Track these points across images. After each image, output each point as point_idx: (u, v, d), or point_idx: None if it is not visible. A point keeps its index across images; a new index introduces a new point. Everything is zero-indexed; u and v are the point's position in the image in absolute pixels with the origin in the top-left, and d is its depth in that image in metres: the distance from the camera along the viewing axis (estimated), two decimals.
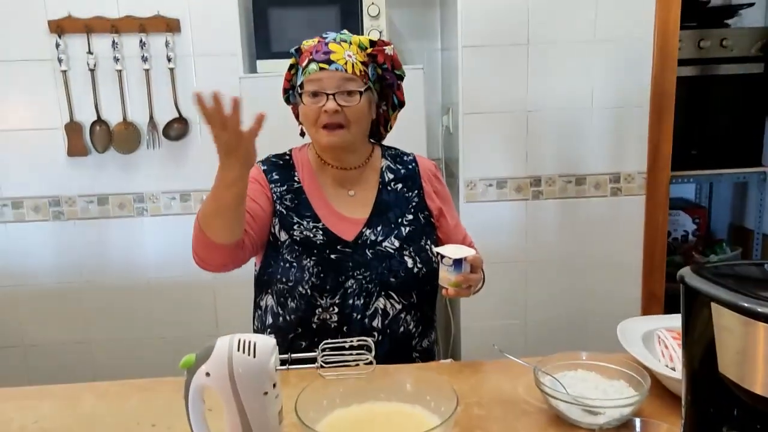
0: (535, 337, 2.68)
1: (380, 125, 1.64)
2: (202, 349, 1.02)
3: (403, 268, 1.51)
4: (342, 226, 1.54)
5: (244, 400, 0.99)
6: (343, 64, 1.46)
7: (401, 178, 1.62)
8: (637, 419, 1.00)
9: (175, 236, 2.74)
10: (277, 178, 1.58)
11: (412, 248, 1.54)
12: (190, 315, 2.79)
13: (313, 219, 1.53)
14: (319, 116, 1.47)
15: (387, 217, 1.56)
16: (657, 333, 1.27)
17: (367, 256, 1.51)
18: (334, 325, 1.48)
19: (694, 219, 3.58)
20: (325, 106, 1.45)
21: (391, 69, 1.55)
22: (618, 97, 2.60)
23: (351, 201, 1.58)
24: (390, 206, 1.58)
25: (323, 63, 1.46)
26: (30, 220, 2.70)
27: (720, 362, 0.73)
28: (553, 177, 2.65)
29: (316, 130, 1.50)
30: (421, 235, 1.58)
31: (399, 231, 1.55)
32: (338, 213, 1.56)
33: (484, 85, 2.57)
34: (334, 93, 1.45)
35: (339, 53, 1.47)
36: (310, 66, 1.47)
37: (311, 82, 1.47)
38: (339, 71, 1.46)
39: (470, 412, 1.18)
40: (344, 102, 1.46)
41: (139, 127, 2.65)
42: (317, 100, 1.47)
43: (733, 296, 0.70)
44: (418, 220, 1.59)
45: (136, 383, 1.37)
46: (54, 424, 1.21)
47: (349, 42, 1.51)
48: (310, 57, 1.48)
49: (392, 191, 1.60)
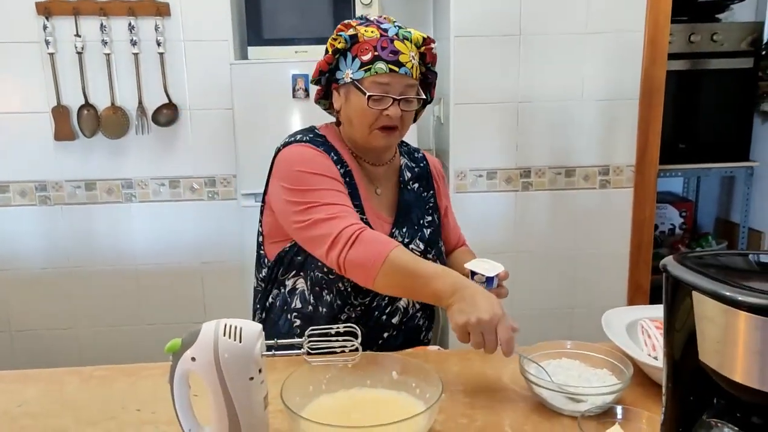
0: (522, 327, 2.69)
1: None
2: (187, 333, 1.02)
3: None
4: (377, 224, 1.48)
5: (230, 385, 0.99)
6: (410, 68, 1.40)
7: (416, 177, 1.59)
8: (619, 407, 1.01)
9: (164, 223, 2.73)
10: (335, 158, 1.46)
11: (434, 251, 1.53)
12: (178, 302, 2.78)
13: (360, 211, 1.44)
14: (377, 118, 1.41)
15: (410, 219, 1.53)
16: (641, 323, 1.28)
17: None
18: (356, 320, 1.45)
19: (681, 212, 3.61)
20: (389, 111, 1.39)
21: (432, 67, 1.52)
22: (608, 89, 2.61)
23: (378, 200, 1.53)
24: (411, 207, 1.55)
25: (393, 65, 1.38)
26: (16, 204, 2.68)
27: (700, 350, 0.74)
28: (543, 168, 2.66)
29: (371, 131, 1.42)
30: (439, 237, 1.58)
31: (422, 233, 1.53)
32: (374, 209, 1.50)
33: (476, 76, 2.57)
34: (400, 98, 1.40)
35: (406, 54, 1.40)
36: (378, 65, 1.38)
37: (377, 84, 1.39)
38: (407, 75, 1.40)
39: (455, 399, 1.19)
40: (405, 107, 1.42)
41: (128, 112, 2.63)
42: (380, 102, 1.39)
43: (714, 285, 0.71)
44: (435, 222, 1.58)
45: (121, 368, 1.37)
46: (38, 408, 1.21)
47: (410, 40, 1.43)
48: (374, 53, 1.38)
49: (411, 191, 1.57)
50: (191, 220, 2.74)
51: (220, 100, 2.63)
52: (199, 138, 2.69)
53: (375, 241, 1.28)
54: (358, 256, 1.27)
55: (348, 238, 1.28)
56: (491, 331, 1.14)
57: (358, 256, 1.27)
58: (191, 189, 2.72)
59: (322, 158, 1.43)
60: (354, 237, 1.28)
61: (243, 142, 2.50)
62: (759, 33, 3.10)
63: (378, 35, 1.40)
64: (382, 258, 1.25)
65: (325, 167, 1.42)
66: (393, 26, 1.43)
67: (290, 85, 2.46)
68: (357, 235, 1.28)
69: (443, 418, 1.11)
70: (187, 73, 2.64)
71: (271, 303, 1.55)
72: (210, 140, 2.69)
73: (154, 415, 1.17)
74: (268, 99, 2.48)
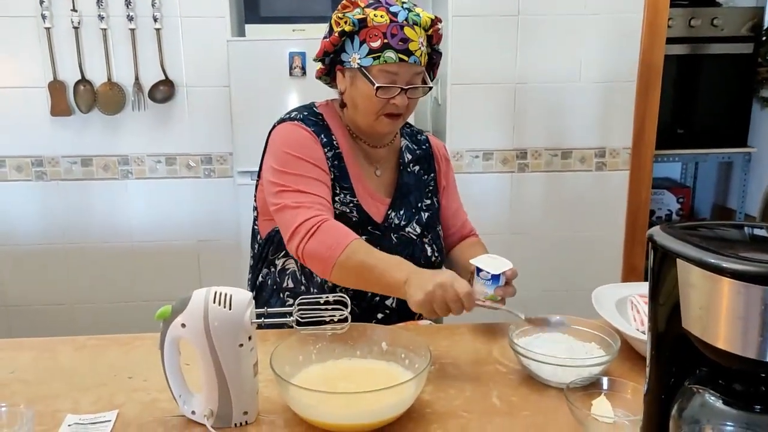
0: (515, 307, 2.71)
1: None
2: (178, 300, 1.03)
3: (424, 256, 1.48)
4: (372, 205, 1.48)
5: (219, 352, 1.00)
6: (419, 56, 1.37)
7: (417, 159, 1.57)
8: (605, 378, 1.02)
9: (160, 200, 2.73)
10: (325, 140, 1.45)
11: (430, 235, 1.52)
12: (174, 279, 2.79)
13: (350, 193, 1.45)
14: (384, 106, 1.39)
15: (408, 201, 1.52)
16: (630, 299, 1.29)
17: (393, 240, 1.46)
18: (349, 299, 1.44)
19: (678, 198, 3.61)
20: (396, 100, 1.38)
21: (437, 47, 1.48)
22: (606, 71, 2.60)
23: (377, 181, 1.51)
24: (410, 189, 1.53)
25: (402, 54, 1.35)
26: (12, 179, 2.68)
27: (684, 318, 0.75)
28: (539, 150, 2.66)
29: (377, 117, 1.41)
30: (437, 221, 1.56)
31: (420, 216, 1.52)
32: (370, 190, 1.49)
33: (473, 57, 2.57)
34: (408, 87, 1.38)
35: (415, 41, 1.36)
36: (387, 54, 1.35)
37: (386, 73, 1.36)
38: (416, 64, 1.37)
39: (444, 371, 1.20)
40: (412, 95, 1.41)
41: (125, 89, 2.62)
42: (387, 91, 1.37)
43: (698, 252, 0.71)
44: (434, 205, 1.56)
45: (113, 338, 1.38)
46: (31, 375, 1.22)
47: (419, 24, 1.39)
48: (384, 40, 1.35)
49: (411, 173, 1.55)
50: (187, 197, 2.74)
51: (216, 78, 2.62)
52: (196, 115, 2.69)
53: (334, 234, 1.30)
54: (316, 248, 1.30)
55: (308, 229, 1.30)
56: (451, 291, 1.17)
57: (316, 248, 1.30)
58: (187, 166, 2.71)
59: (309, 141, 1.42)
60: (314, 229, 1.30)
61: (239, 120, 2.50)
62: (759, 18, 3.09)
63: (388, 20, 1.36)
64: (339, 250, 1.27)
65: (309, 151, 1.41)
66: (402, 9, 1.39)
67: (287, 63, 2.45)
68: (317, 227, 1.30)
69: (432, 389, 1.12)
70: (184, 50, 2.63)
71: (262, 282, 1.55)
72: (206, 117, 2.68)
73: (146, 382, 1.18)
74: (264, 77, 2.47)
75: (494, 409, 1.08)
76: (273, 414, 1.07)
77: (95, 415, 1.06)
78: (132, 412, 1.08)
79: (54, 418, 1.05)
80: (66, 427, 1.03)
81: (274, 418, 1.05)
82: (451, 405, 1.08)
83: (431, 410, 1.07)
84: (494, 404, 1.09)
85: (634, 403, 0.99)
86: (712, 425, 0.74)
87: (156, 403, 1.10)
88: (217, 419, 1.03)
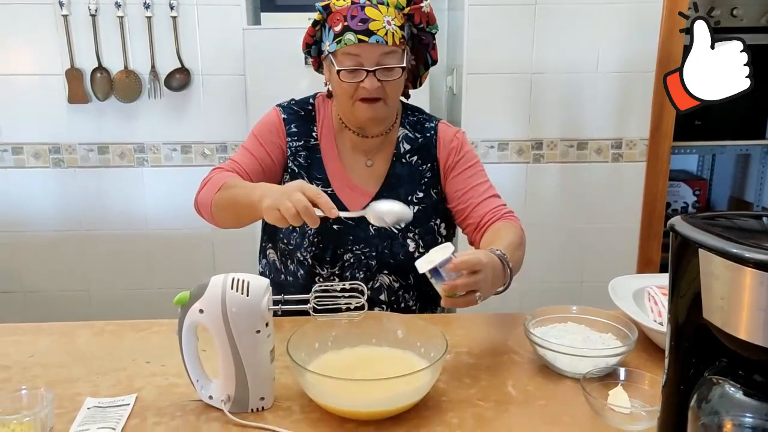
0: (530, 299, 2.71)
1: (408, 81, 1.50)
2: (196, 286, 1.04)
3: (404, 251, 1.44)
4: (351, 196, 1.46)
5: (237, 338, 1.01)
6: (383, 35, 1.31)
7: (417, 149, 1.49)
8: (622, 369, 1.01)
9: (176, 188, 2.74)
10: (295, 131, 1.47)
11: (418, 230, 1.45)
12: (189, 267, 2.81)
13: (323, 183, 1.45)
14: (356, 90, 1.36)
15: (397, 193, 1.45)
16: (647, 290, 1.28)
17: (369, 232, 1.43)
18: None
19: (695, 191, 3.57)
20: (365, 83, 1.33)
21: (426, 27, 1.42)
22: (624, 61, 2.57)
23: (367, 171, 1.48)
24: (402, 181, 1.47)
25: (362, 34, 1.30)
26: (30, 166, 2.70)
27: (705, 309, 0.74)
28: (554, 141, 2.65)
29: (353, 104, 1.38)
30: (431, 215, 1.48)
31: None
32: (351, 181, 1.47)
33: (490, 46, 2.55)
34: (374, 69, 1.33)
35: (378, 21, 1.31)
36: (347, 36, 1.32)
37: (348, 55, 1.33)
38: (379, 44, 1.31)
39: (460, 360, 1.20)
40: (384, 77, 1.34)
41: (141, 76, 2.63)
42: (355, 75, 1.34)
43: (721, 242, 0.70)
44: (429, 197, 1.48)
45: (131, 323, 1.39)
46: (49, 359, 1.23)
47: (386, 4, 1.35)
48: (344, 23, 1.32)
49: (406, 164, 1.48)
50: None
51: (232, 66, 2.63)
52: (211, 103, 2.69)
53: (215, 182, 1.37)
54: (202, 196, 1.39)
55: (202, 184, 1.42)
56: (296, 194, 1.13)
57: (201, 197, 1.40)
58: (203, 154, 2.72)
59: (272, 126, 1.48)
60: (206, 181, 1.41)
61: (254, 108, 2.50)
62: None
63: (348, 3, 1.34)
64: (215, 191, 1.35)
65: (266, 134, 1.47)
66: None
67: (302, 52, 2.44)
68: (208, 179, 1.41)
69: (447, 377, 1.13)
70: (200, 38, 2.63)
71: (261, 272, 1.58)
72: (222, 106, 2.69)
73: (164, 367, 1.19)
74: (280, 65, 2.47)
75: (510, 398, 1.08)
76: (289, 400, 1.07)
77: (114, 399, 1.08)
78: (150, 396, 1.09)
79: (74, 401, 1.07)
80: (85, 409, 1.04)
81: (290, 404, 1.06)
82: (467, 393, 1.08)
83: (447, 398, 1.07)
84: (510, 393, 1.09)
85: (652, 394, 0.99)
86: (731, 416, 0.74)
87: (173, 388, 1.12)
88: (234, 404, 1.04)
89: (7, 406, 1.00)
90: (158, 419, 1.02)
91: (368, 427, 0.99)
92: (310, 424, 1.01)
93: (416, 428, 0.99)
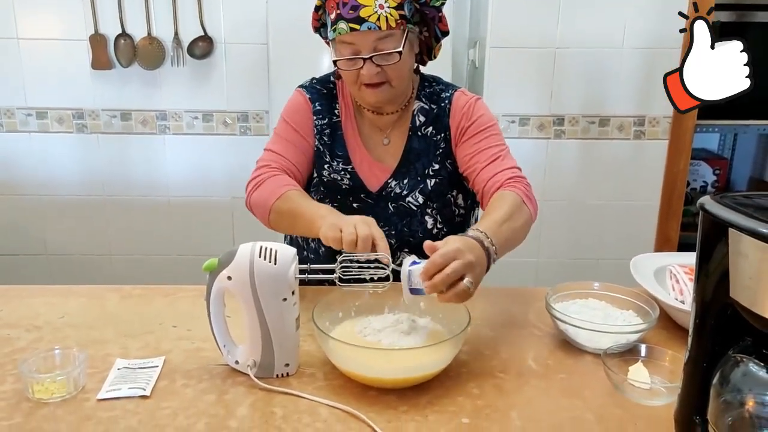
0: (546, 275, 2.72)
1: (422, 53, 1.47)
2: (224, 253, 1.05)
3: (423, 228, 1.46)
4: (371, 173, 1.47)
5: (264, 305, 1.03)
6: (375, 21, 1.27)
7: (431, 120, 1.47)
8: (643, 345, 1.03)
9: (197, 156, 2.76)
10: (320, 109, 1.47)
11: (435, 205, 1.46)
12: (209, 234, 2.84)
13: (344, 160, 1.46)
14: (358, 76, 1.34)
15: (414, 168, 1.46)
16: (669, 268, 1.28)
17: (389, 210, 1.45)
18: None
19: (715, 170, 3.54)
20: (363, 70, 1.32)
21: (429, 1, 1.36)
22: (649, 38, 2.53)
23: (383, 149, 1.49)
24: (419, 155, 1.46)
25: (353, 22, 1.28)
26: (54, 131, 2.72)
27: (732, 288, 0.75)
28: (576, 117, 2.63)
29: (359, 88, 1.37)
30: (448, 188, 1.48)
31: (425, 185, 1.45)
32: (370, 158, 1.47)
33: (514, 20, 2.52)
34: (371, 56, 1.31)
35: (369, 6, 1.27)
36: (340, 25, 1.29)
37: (344, 44, 1.32)
38: (372, 30, 1.28)
39: (481, 334, 1.22)
40: (383, 62, 1.32)
41: (164, 44, 2.63)
42: (353, 63, 1.33)
43: (751, 222, 0.71)
44: (445, 169, 1.47)
45: (159, 288, 1.42)
46: (79, 320, 1.26)
47: None
48: (337, 11, 1.30)
49: (422, 137, 1.47)
50: (223, 154, 2.77)
51: (255, 35, 2.62)
52: (234, 72, 2.69)
53: (272, 184, 1.37)
54: (258, 197, 1.38)
55: (256, 182, 1.40)
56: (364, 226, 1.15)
57: (257, 197, 1.39)
58: (224, 123, 2.73)
59: (301, 108, 1.48)
60: (260, 181, 1.40)
61: (276, 78, 2.50)
62: None
63: None
64: (275, 197, 1.34)
65: (297, 117, 1.47)
66: None
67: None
68: (263, 180, 1.39)
69: (468, 349, 1.15)
70: (223, 6, 2.62)
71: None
72: (244, 75, 2.69)
73: (190, 332, 1.22)
74: (302, 36, 2.43)
75: (530, 371, 1.09)
76: (313, 367, 1.10)
77: (143, 360, 1.11)
78: (178, 359, 1.12)
79: (105, 362, 1.10)
80: (116, 370, 1.07)
81: (314, 371, 1.09)
82: (488, 365, 1.10)
83: (467, 370, 1.09)
84: (530, 366, 1.11)
85: (671, 370, 1.00)
86: (754, 394, 0.75)
87: (200, 352, 1.14)
88: (260, 369, 1.06)
89: (40, 365, 1.03)
90: (186, 381, 1.05)
91: (390, 395, 1.01)
92: (333, 391, 1.03)
93: (438, 398, 1.01)
